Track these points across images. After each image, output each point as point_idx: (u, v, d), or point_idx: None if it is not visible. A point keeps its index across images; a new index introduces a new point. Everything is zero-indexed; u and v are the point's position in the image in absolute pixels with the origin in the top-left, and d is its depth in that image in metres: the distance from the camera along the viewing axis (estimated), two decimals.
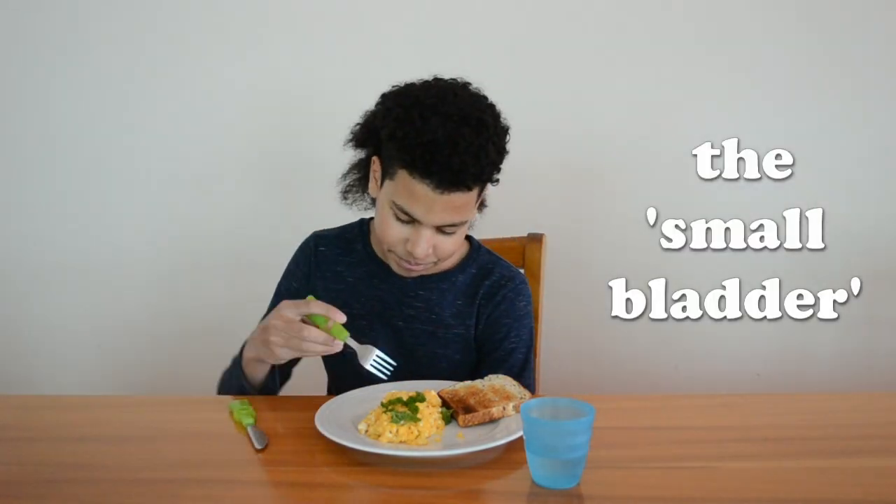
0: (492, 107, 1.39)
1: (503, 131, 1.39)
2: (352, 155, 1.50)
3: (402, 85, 1.40)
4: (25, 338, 2.29)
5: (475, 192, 1.35)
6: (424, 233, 1.34)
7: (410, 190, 1.31)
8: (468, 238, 1.56)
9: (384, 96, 1.41)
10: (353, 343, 1.32)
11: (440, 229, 1.35)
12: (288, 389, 1.57)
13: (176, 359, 2.27)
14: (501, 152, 1.38)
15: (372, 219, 1.55)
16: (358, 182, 1.50)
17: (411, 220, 1.34)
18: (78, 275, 2.26)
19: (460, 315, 1.50)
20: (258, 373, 1.42)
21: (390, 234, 1.38)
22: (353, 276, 1.53)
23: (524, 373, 1.49)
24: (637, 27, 2.11)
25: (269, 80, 2.17)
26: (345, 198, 1.52)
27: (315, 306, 1.29)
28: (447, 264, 1.51)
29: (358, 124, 1.47)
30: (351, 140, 1.47)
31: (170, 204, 2.23)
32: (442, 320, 1.49)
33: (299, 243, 1.61)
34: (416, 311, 1.50)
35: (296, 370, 1.60)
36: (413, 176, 1.30)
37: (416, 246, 1.35)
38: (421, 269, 1.42)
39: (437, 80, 1.39)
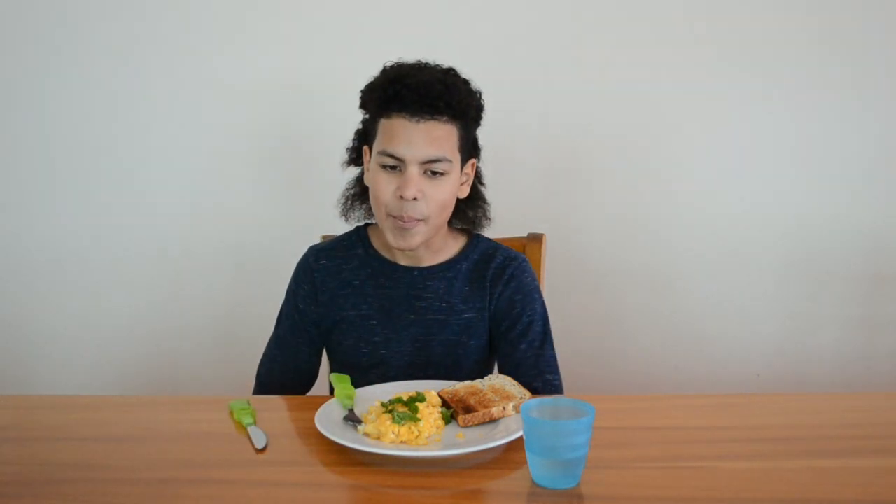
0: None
1: (471, 84, 1.47)
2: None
3: None
4: (25, 338, 2.29)
5: (452, 127, 1.41)
6: (411, 171, 1.39)
7: (391, 131, 1.40)
8: (467, 231, 1.58)
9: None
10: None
11: (426, 171, 1.40)
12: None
13: (176, 359, 2.27)
14: (473, 95, 1.46)
15: (368, 224, 1.59)
16: (354, 195, 1.56)
17: (397, 164, 1.40)
18: (78, 275, 2.26)
19: (470, 299, 1.52)
20: None
21: (382, 190, 1.42)
22: (358, 279, 1.54)
23: (545, 345, 1.51)
24: (637, 26, 2.11)
25: (272, 80, 2.17)
26: (344, 215, 1.57)
27: None
28: (446, 254, 1.54)
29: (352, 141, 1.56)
30: (346, 159, 1.56)
31: (170, 204, 2.23)
32: (453, 307, 1.51)
33: (300, 244, 1.61)
34: (427, 302, 1.52)
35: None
36: (390, 116, 1.40)
37: (406, 187, 1.38)
38: (415, 228, 1.42)
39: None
